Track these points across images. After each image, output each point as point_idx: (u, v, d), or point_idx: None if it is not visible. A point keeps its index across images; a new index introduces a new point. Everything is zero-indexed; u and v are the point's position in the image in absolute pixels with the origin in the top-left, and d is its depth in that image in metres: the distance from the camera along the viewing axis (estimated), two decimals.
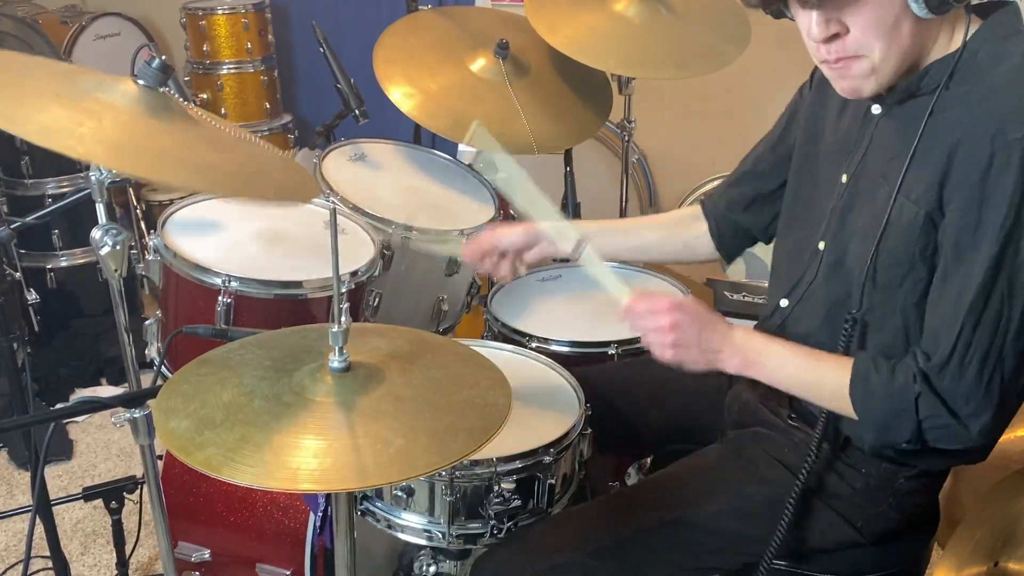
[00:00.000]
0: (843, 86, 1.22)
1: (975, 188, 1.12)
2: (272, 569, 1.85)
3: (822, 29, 1.15)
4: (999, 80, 1.15)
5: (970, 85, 1.17)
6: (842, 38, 1.16)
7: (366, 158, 2.22)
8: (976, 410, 1.16)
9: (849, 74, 1.19)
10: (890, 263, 1.23)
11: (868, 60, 1.16)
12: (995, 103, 1.13)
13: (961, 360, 1.15)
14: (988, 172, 1.11)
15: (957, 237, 1.15)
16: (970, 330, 1.14)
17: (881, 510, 1.34)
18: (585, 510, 1.51)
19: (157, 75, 1.28)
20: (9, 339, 1.99)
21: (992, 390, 1.16)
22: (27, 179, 3.01)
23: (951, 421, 1.17)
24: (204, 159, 1.25)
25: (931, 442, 1.20)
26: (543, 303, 2.11)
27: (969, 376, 1.16)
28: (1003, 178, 1.10)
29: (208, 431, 1.02)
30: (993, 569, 1.37)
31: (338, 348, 1.10)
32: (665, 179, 3.54)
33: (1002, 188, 1.10)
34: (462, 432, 1.05)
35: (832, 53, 1.18)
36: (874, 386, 1.22)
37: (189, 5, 3.68)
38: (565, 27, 2.18)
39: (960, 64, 1.17)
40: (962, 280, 1.15)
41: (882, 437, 1.24)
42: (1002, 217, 1.10)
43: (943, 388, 1.17)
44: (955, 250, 1.16)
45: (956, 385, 1.16)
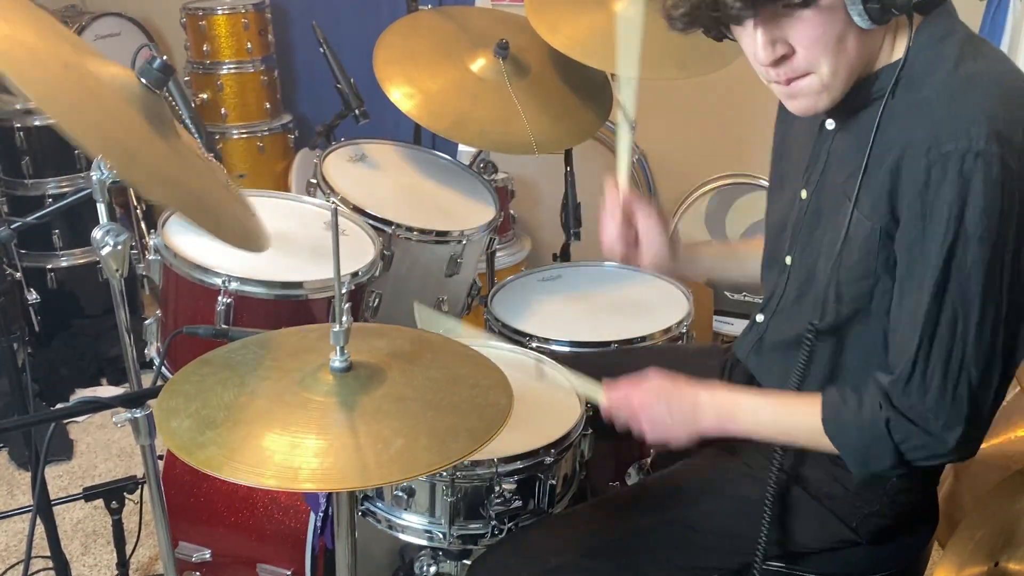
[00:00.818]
0: (796, 106, 1.22)
1: (916, 202, 1.12)
2: (273, 569, 1.85)
3: (768, 52, 1.15)
4: (931, 90, 1.14)
5: (909, 94, 1.16)
6: (789, 59, 1.16)
7: (366, 158, 2.22)
8: (948, 422, 1.15)
9: (800, 93, 1.19)
10: (855, 277, 1.23)
11: (817, 76, 1.16)
12: (929, 114, 1.13)
13: (923, 374, 1.15)
14: (927, 185, 1.11)
15: (907, 251, 1.15)
16: (927, 343, 1.14)
17: (876, 509, 1.34)
18: (582, 512, 1.51)
19: (158, 75, 1.28)
20: (9, 339, 1.98)
21: (960, 400, 1.14)
22: (27, 179, 3.02)
23: (926, 438, 1.17)
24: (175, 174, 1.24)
25: (915, 462, 1.20)
26: (543, 303, 2.11)
27: (933, 389, 1.15)
28: (941, 191, 1.09)
29: (210, 431, 1.02)
30: (993, 569, 1.37)
31: (339, 348, 1.10)
32: (665, 179, 3.54)
33: (940, 201, 1.10)
34: (463, 432, 1.05)
35: (781, 75, 1.18)
36: (845, 419, 1.23)
37: (189, 5, 3.67)
38: (565, 27, 2.18)
39: (904, 70, 1.17)
40: (915, 294, 1.15)
41: (866, 468, 1.23)
42: (943, 229, 1.10)
43: (911, 406, 1.17)
44: (906, 265, 1.16)
45: (923, 400, 1.16)
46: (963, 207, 1.08)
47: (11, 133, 2.96)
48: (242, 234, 1.33)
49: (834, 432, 1.23)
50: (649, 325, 1.96)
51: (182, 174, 1.27)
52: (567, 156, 2.47)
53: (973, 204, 1.08)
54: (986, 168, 1.07)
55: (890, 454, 1.19)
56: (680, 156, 3.47)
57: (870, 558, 1.40)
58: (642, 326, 1.96)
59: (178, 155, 1.28)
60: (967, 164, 1.07)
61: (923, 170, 1.11)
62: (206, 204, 1.29)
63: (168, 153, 1.26)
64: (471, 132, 2.13)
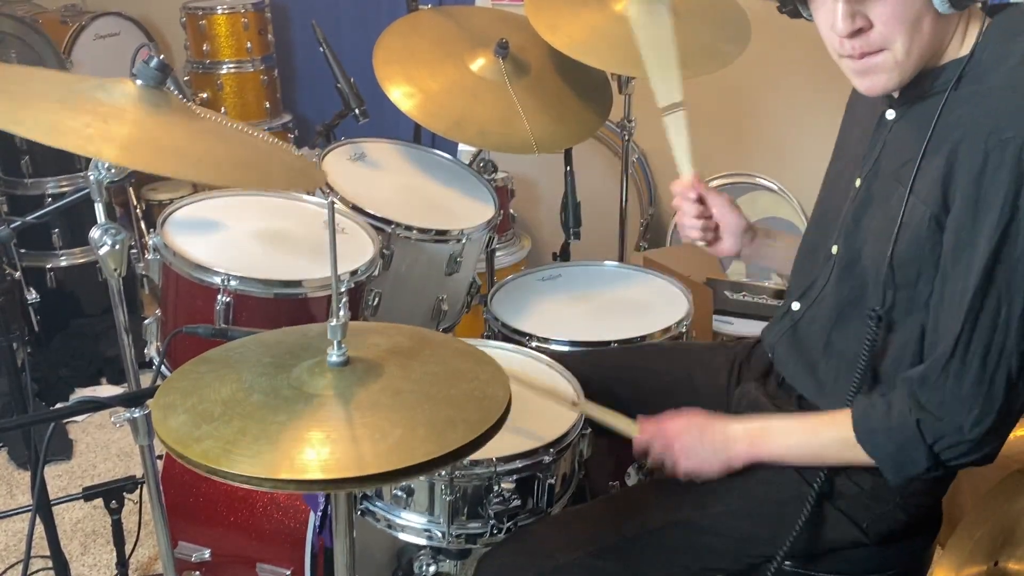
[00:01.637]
0: (865, 83, 1.23)
1: (971, 187, 1.13)
2: (272, 569, 1.85)
3: (848, 23, 1.16)
4: (998, 80, 1.16)
5: (974, 85, 1.18)
6: (865, 32, 1.17)
7: (366, 158, 2.22)
8: (981, 412, 1.16)
9: (872, 69, 1.20)
10: (904, 261, 1.24)
11: (891, 53, 1.17)
12: (992, 103, 1.14)
13: (963, 359, 1.15)
14: (983, 171, 1.12)
15: (955, 237, 1.16)
16: (970, 328, 1.14)
17: (888, 510, 1.34)
18: (589, 510, 1.51)
19: (155, 74, 1.28)
20: (9, 339, 1.99)
21: (996, 390, 1.15)
22: (27, 179, 3.02)
23: (959, 437, 1.18)
24: (211, 152, 1.27)
25: (950, 462, 1.20)
26: (543, 303, 2.11)
27: (971, 375, 1.15)
28: (997, 177, 1.10)
29: (206, 425, 1.02)
30: (993, 569, 1.36)
31: (336, 342, 1.10)
32: (665, 179, 3.54)
33: (996, 187, 1.11)
34: (461, 424, 1.05)
35: (856, 48, 1.19)
36: (875, 426, 1.23)
37: (189, 5, 3.68)
38: (565, 27, 2.18)
39: (969, 65, 1.18)
40: (960, 280, 1.15)
41: (902, 473, 1.24)
42: (997, 215, 1.11)
43: (941, 401, 1.17)
44: (953, 250, 1.17)
45: (959, 386, 1.16)
46: (1018, 194, 1.09)
47: (11, 133, 2.95)
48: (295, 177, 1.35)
49: (866, 440, 1.24)
50: (649, 325, 1.96)
51: (220, 147, 1.28)
52: (567, 156, 2.47)
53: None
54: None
55: (924, 456, 1.20)
56: None
57: (875, 558, 1.40)
58: (642, 326, 1.95)
59: (204, 132, 1.30)
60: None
61: (981, 156, 1.12)
62: (246, 164, 1.31)
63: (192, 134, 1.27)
64: (471, 132, 2.13)
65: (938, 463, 1.21)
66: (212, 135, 1.31)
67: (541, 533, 1.45)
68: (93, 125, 1.17)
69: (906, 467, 1.23)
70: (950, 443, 1.19)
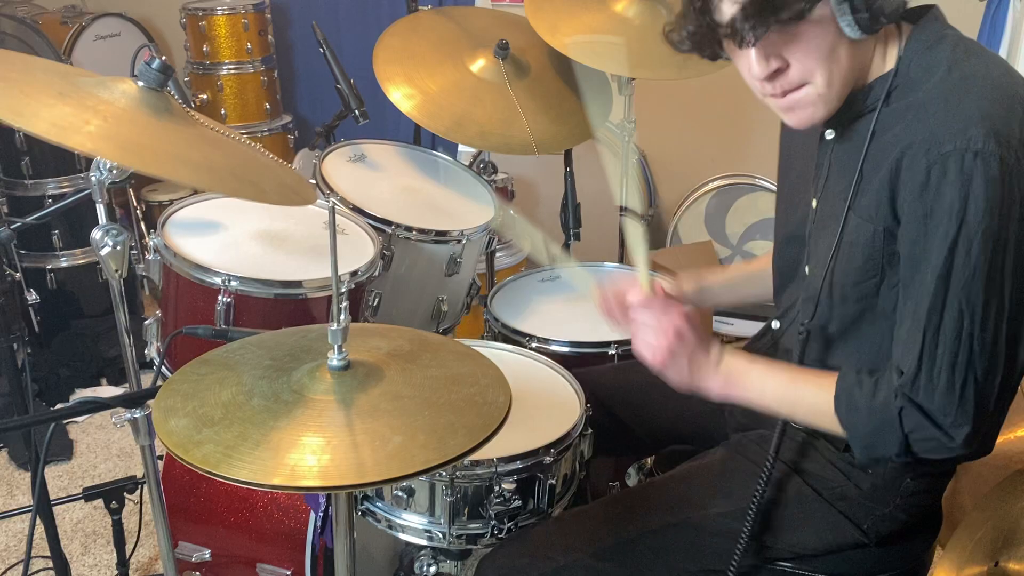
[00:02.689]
0: (793, 118, 1.23)
1: (917, 203, 1.13)
2: (272, 569, 1.85)
3: (763, 67, 1.16)
4: (929, 92, 1.16)
5: (905, 100, 1.18)
6: (783, 72, 1.17)
7: (366, 159, 2.22)
8: (956, 421, 1.15)
9: (797, 104, 1.20)
10: (859, 279, 1.24)
11: (813, 87, 1.18)
12: (927, 116, 1.14)
13: (929, 373, 1.15)
14: (927, 185, 1.12)
15: (909, 252, 1.16)
16: (932, 342, 1.14)
17: (888, 511, 1.34)
18: (590, 511, 1.51)
19: (157, 75, 1.28)
20: (9, 339, 1.98)
21: (967, 399, 1.15)
22: (27, 179, 3.02)
23: (936, 433, 1.17)
24: (207, 158, 1.26)
25: (920, 454, 1.20)
26: (543, 303, 2.11)
27: (940, 388, 1.15)
28: (941, 190, 1.11)
29: (207, 429, 1.02)
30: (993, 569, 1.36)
31: (337, 346, 1.10)
32: (665, 179, 3.54)
33: (941, 200, 1.11)
34: (461, 429, 1.05)
35: (777, 88, 1.19)
36: (858, 402, 1.23)
37: (189, 5, 3.68)
38: (565, 27, 2.18)
39: (896, 79, 1.19)
40: (918, 293, 1.15)
41: (870, 452, 1.24)
42: (945, 228, 1.11)
43: (922, 401, 1.17)
44: (908, 264, 1.17)
45: (931, 398, 1.16)
46: (964, 206, 1.09)
47: (11, 134, 2.96)
48: (287, 191, 1.35)
49: (844, 411, 1.23)
50: None
51: (211, 155, 1.28)
52: (567, 156, 2.47)
53: (974, 202, 1.09)
54: (985, 166, 1.08)
55: (897, 442, 1.19)
56: (680, 156, 3.47)
57: (876, 559, 1.40)
58: None
59: (202, 139, 1.29)
60: (967, 163, 1.08)
61: (923, 171, 1.12)
62: (242, 175, 1.30)
63: (191, 139, 1.27)
64: (471, 132, 2.13)
65: (908, 451, 1.20)
66: (208, 141, 1.31)
67: (541, 534, 1.45)
68: (90, 122, 1.16)
69: (876, 447, 1.22)
70: (925, 436, 1.18)
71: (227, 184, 1.28)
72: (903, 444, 1.19)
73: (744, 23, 1.11)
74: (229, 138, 1.39)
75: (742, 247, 3.27)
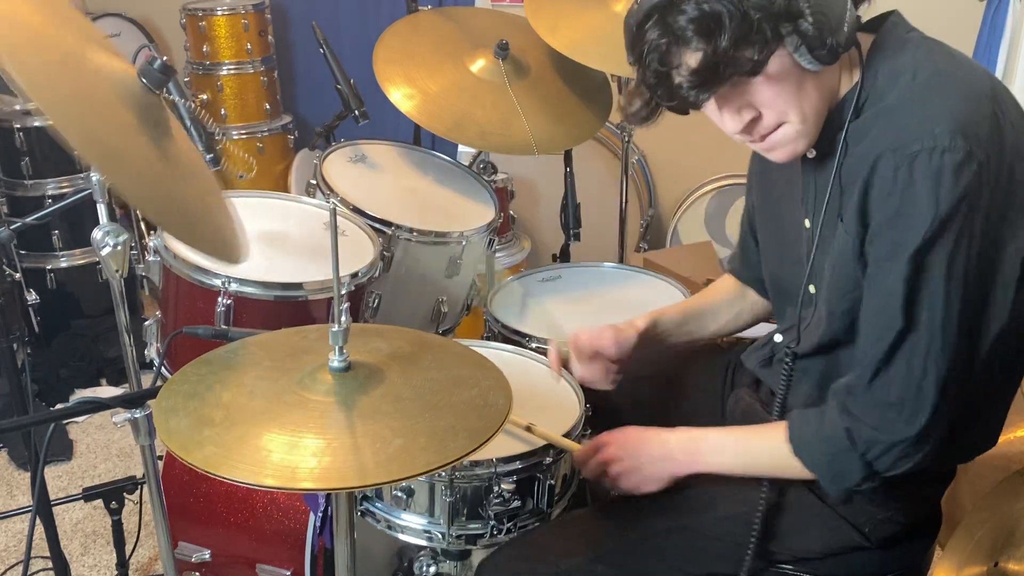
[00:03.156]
0: (777, 156, 1.24)
1: (886, 204, 1.14)
2: (272, 569, 1.85)
3: (736, 121, 1.19)
4: (896, 97, 1.17)
5: (875, 107, 1.19)
6: (757, 120, 1.18)
7: (366, 159, 2.22)
8: (910, 418, 1.16)
9: (778, 144, 1.21)
10: (843, 292, 1.25)
11: (790, 126, 1.19)
12: (895, 120, 1.15)
13: (887, 368, 1.16)
14: (895, 186, 1.12)
15: (877, 249, 1.17)
16: (895, 338, 1.15)
17: (888, 514, 1.34)
18: (590, 515, 1.51)
19: (158, 76, 1.28)
20: (9, 339, 1.99)
21: (924, 395, 1.15)
22: (27, 179, 3.02)
23: (890, 441, 1.17)
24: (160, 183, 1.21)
25: (884, 471, 1.20)
26: (543, 303, 2.11)
27: (897, 383, 1.16)
28: (909, 190, 1.11)
29: (207, 429, 1.02)
30: (993, 569, 1.36)
31: (338, 348, 1.10)
32: (665, 179, 3.54)
33: (909, 199, 1.11)
34: (462, 432, 1.05)
35: (755, 135, 1.20)
36: (808, 435, 1.24)
37: (189, 6, 3.68)
38: (565, 27, 2.18)
39: (865, 91, 1.19)
40: (884, 287, 1.15)
41: (838, 484, 1.24)
42: (916, 225, 1.11)
43: (872, 407, 1.17)
44: (876, 261, 1.17)
45: (887, 392, 1.16)
46: (936, 202, 1.09)
47: (11, 134, 2.96)
48: (218, 244, 1.30)
49: (801, 450, 1.25)
50: None
51: (164, 178, 1.23)
52: (567, 156, 2.48)
53: (945, 199, 1.09)
54: (954, 163, 1.08)
55: (858, 466, 1.20)
56: (680, 156, 3.47)
57: (877, 561, 1.39)
58: None
59: (165, 158, 1.26)
60: (934, 161, 1.09)
61: (891, 172, 1.12)
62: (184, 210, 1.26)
63: (154, 155, 1.23)
64: (471, 133, 2.13)
65: (873, 473, 1.21)
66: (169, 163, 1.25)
67: (541, 538, 1.45)
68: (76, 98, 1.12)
69: (842, 477, 1.23)
70: (882, 451, 1.18)
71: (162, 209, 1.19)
72: (864, 466, 1.20)
73: (691, 91, 1.14)
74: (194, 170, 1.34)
75: None
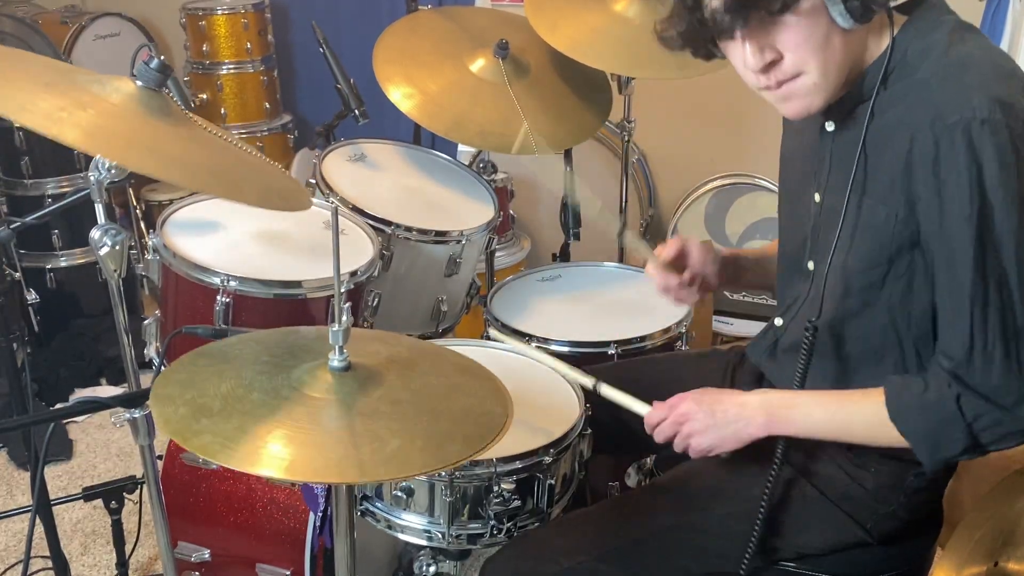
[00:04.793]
0: (789, 108, 1.23)
1: (931, 178, 1.14)
2: (272, 569, 1.85)
3: (757, 58, 1.17)
4: (928, 71, 1.17)
5: (905, 81, 1.18)
6: (778, 63, 1.17)
7: (366, 158, 2.22)
8: (1017, 397, 1.14)
9: (793, 94, 1.20)
10: (865, 267, 1.24)
11: (808, 77, 1.18)
12: (928, 94, 1.15)
13: (983, 350, 1.14)
14: (937, 160, 1.12)
15: (932, 229, 1.16)
16: (980, 317, 1.13)
17: (891, 510, 1.34)
18: (592, 514, 1.51)
19: (156, 75, 1.28)
20: (9, 339, 1.99)
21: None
22: (27, 179, 3.02)
23: (1001, 414, 1.15)
24: (187, 155, 1.25)
25: (988, 444, 1.18)
26: (543, 303, 2.11)
27: (997, 363, 1.14)
28: (953, 162, 1.11)
29: (205, 419, 1.02)
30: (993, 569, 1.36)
31: (338, 347, 1.10)
32: (665, 179, 3.54)
33: (955, 171, 1.11)
34: (459, 437, 1.05)
35: (772, 79, 1.19)
36: (910, 403, 1.21)
37: (189, 5, 3.68)
38: (565, 27, 2.18)
39: (892, 63, 1.19)
40: (952, 271, 1.15)
41: (937, 454, 1.21)
42: (965, 199, 1.11)
43: (979, 383, 1.15)
44: (936, 243, 1.16)
45: (988, 377, 1.15)
46: (980, 175, 1.10)
47: (11, 133, 2.96)
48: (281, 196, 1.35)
49: (900, 418, 1.21)
50: (649, 325, 1.96)
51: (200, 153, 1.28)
52: (567, 156, 2.47)
53: (989, 170, 1.09)
54: (994, 133, 1.08)
55: (963, 435, 1.17)
56: (680, 156, 3.47)
57: (880, 558, 1.40)
58: (642, 326, 1.95)
59: (192, 138, 1.29)
60: (975, 131, 1.09)
61: (932, 146, 1.12)
62: (235, 178, 1.30)
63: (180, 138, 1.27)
64: (471, 132, 2.12)
65: (976, 444, 1.18)
66: (195, 140, 1.29)
67: (543, 538, 1.45)
68: (67, 110, 1.16)
69: (942, 447, 1.19)
70: (991, 421, 1.16)
71: (218, 186, 1.28)
72: (968, 436, 1.17)
73: (726, 15, 1.13)
74: (225, 140, 1.39)
75: (742, 247, 3.27)
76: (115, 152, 1.20)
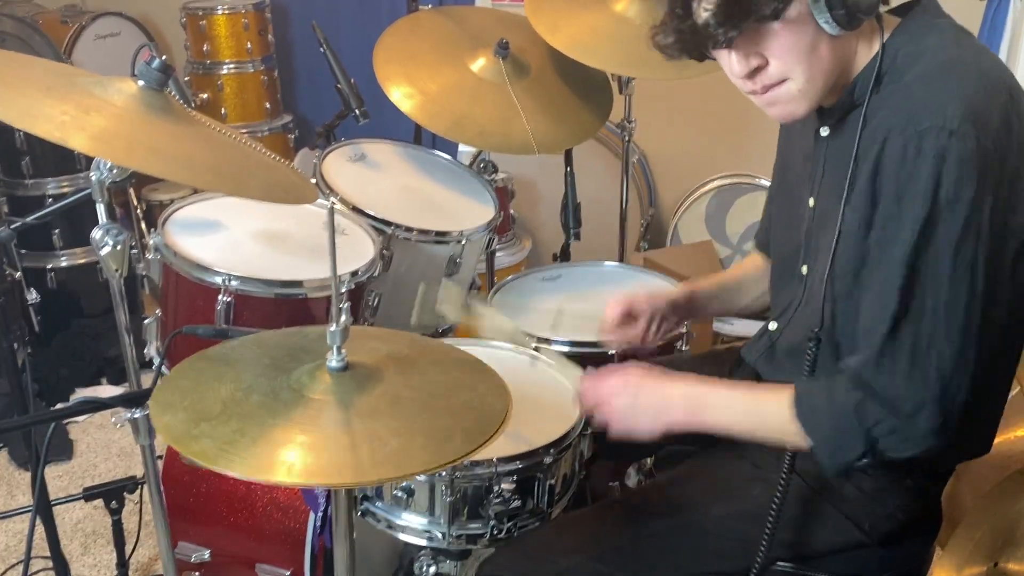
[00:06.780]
0: (775, 113, 1.24)
1: (893, 180, 1.13)
2: (272, 569, 1.85)
3: (743, 65, 1.18)
4: (913, 75, 1.17)
5: (893, 85, 1.18)
6: (763, 69, 1.18)
7: (366, 158, 2.22)
8: (916, 404, 1.14)
9: (778, 100, 1.21)
10: (845, 272, 1.24)
11: (793, 83, 1.18)
12: (909, 97, 1.15)
13: (892, 352, 1.14)
14: (903, 164, 1.12)
15: (882, 228, 1.16)
16: (899, 320, 1.14)
17: (889, 511, 1.34)
18: (591, 514, 1.51)
19: (157, 75, 1.28)
20: (9, 339, 1.99)
21: (929, 380, 1.13)
22: (27, 179, 3.02)
23: (897, 423, 1.16)
24: (191, 153, 1.26)
25: (885, 451, 1.18)
26: (543, 303, 2.11)
27: (901, 368, 1.14)
28: (916, 167, 1.10)
29: (204, 423, 1.02)
30: (993, 569, 1.36)
31: (336, 347, 1.10)
32: (665, 179, 3.54)
33: (915, 177, 1.11)
34: (459, 433, 1.05)
35: (757, 84, 1.20)
36: (816, 405, 1.22)
37: (189, 5, 3.68)
38: (565, 27, 2.18)
39: (883, 68, 1.19)
40: (886, 270, 1.15)
41: (836, 459, 1.22)
42: (918, 206, 1.10)
43: (882, 387, 1.16)
44: (879, 241, 1.16)
45: (890, 380, 1.15)
46: (937, 183, 1.09)
47: (11, 133, 2.96)
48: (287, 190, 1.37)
49: (804, 419, 1.22)
50: None
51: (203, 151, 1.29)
52: (567, 156, 2.47)
53: (946, 181, 1.09)
54: (960, 146, 1.08)
55: (860, 441, 1.18)
56: (680, 156, 3.47)
57: (878, 559, 1.39)
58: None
59: (195, 136, 1.30)
60: (941, 141, 1.08)
61: (900, 148, 1.12)
62: (242, 174, 1.31)
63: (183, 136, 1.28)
64: (471, 132, 2.13)
65: (874, 450, 1.18)
66: (199, 138, 1.30)
67: (543, 538, 1.45)
68: (70, 114, 1.16)
69: (841, 453, 1.20)
70: (887, 429, 1.16)
71: (224, 183, 1.28)
72: (866, 441, 1.18)
73: (718, 27, 1.13)
74: (229, 137, 1.39)
75: (742, 247, 3.27)
76: (121, 155, 1.20)
